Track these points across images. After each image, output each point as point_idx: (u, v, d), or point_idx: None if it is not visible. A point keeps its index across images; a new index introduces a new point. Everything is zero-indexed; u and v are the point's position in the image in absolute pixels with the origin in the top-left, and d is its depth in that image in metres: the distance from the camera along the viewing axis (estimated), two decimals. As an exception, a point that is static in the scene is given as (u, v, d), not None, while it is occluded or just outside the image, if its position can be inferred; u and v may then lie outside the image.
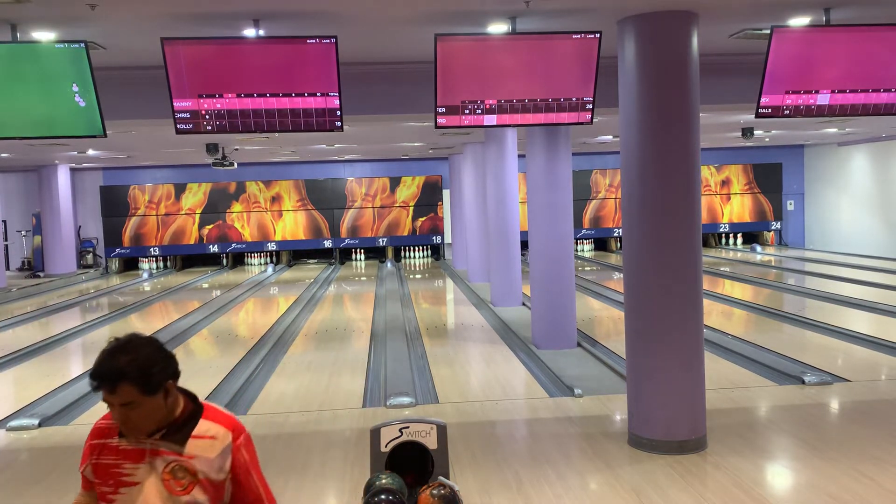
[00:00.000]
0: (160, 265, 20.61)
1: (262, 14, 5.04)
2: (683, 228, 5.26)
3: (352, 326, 10.93)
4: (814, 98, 5.61)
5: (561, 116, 5.61)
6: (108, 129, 5.43)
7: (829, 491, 4.55)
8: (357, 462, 5.23)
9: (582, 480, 4.87)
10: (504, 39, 5.43)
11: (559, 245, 8.85)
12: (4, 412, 6.90)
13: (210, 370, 8.32)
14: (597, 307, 12.01)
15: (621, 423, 5.92)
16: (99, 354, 2.12)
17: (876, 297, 11.61)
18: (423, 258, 21.12)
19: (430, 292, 14.88)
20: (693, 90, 5.24)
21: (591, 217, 20.85)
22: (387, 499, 3.24)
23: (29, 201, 19.72)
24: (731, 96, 7.03)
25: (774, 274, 15.89)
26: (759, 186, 21.14)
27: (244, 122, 5.35)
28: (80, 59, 5.09)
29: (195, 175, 19.85)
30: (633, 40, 5.28)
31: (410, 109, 6.87)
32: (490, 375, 7.86)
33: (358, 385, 7.52)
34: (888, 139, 17.67)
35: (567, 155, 8.89)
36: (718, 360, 7.86)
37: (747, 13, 5.47)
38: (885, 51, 5.52)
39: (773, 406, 6.40)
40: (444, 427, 3.61)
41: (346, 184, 20.42)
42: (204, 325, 11.46)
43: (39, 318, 12.77)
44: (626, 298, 5.57)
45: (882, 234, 18.11)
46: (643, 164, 5.29)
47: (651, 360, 5.36)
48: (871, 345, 8.43)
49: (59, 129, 5.33)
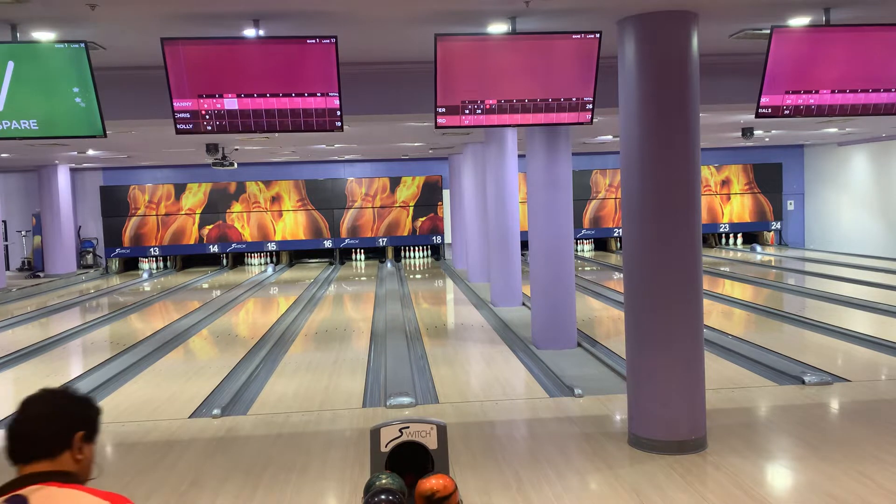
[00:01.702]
0: (160, 265, 20.61)
1: (262, 14, 5.04)
2: (683, 228, 5.26)
3: (352, 326, 10.93)
4: (814, 98, 5.61)
5: (561, 116, 5.60)
6: (108, 129, 5.43)
7: (829, 491, 4.55)
8: (357, 462, 5.23)
9: (582, 480, 4.87)
10: (504, 39, 5.43)
11: (559, 245, 8.85)
12: (4, 412, 6.89)
13: (210, 370, 8.32)
14: (597, 307, 12.01)
15: (621, 423, 5.92)
16: (84, 395, 2.08)
17: (876, 297, 11.61)
18: (423, 258, 21.12)
19: (430, 292, 14.88)
20: (693, 90, 5.24)
21: (591, 217, 20.85)
22: (387, 499, 3.23)
23: (29, 201, 19.72)
24: (731, 96, 7.03)
25: (774, 274, 15.89)
26: (759, 186, 21.15)
27: (244, 122, 5.35)
28: (80, 59, 5.09)
29: (195, 175, 19.85)
30: (633, 40, 5.28)
31: (410, 109, 6.87)
32: (490, 375, 7.86)
33: (358, 385, 7.52)
34: (888, 139, 17.67)
35: (567, 155, 8.89)
36: (718, 360, 7.86)
37: (747, 13, 5.47)
38: (885, 51, 5.52)
39: (773, 406, 6.40)
40: (444, 427, 3.61)
41: (346, 184, 20.43)
42: (204, 325, 11.45)
43: (39, 318, 12.77)
44: (626, 298, 5.56)
45: (882, 234, 18.11)
46: (643, 164, 5.29)
47: (651, 360, 5.36)
48: (871, 345, 8.43)
49: (59, 129, 5.33)
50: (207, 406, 6.88)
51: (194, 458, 5.52)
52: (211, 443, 5.86)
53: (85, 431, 2.00)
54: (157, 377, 8.17)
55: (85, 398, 2.06)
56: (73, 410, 2.01)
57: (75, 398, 2.04)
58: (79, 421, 2.00)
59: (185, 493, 4.89)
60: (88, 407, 2.05)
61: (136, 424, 6.42)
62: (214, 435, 6.04)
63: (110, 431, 6.30)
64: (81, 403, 2.04)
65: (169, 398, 7.26)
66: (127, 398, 7.38)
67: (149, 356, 9.14)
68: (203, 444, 5.83)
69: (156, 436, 6.10)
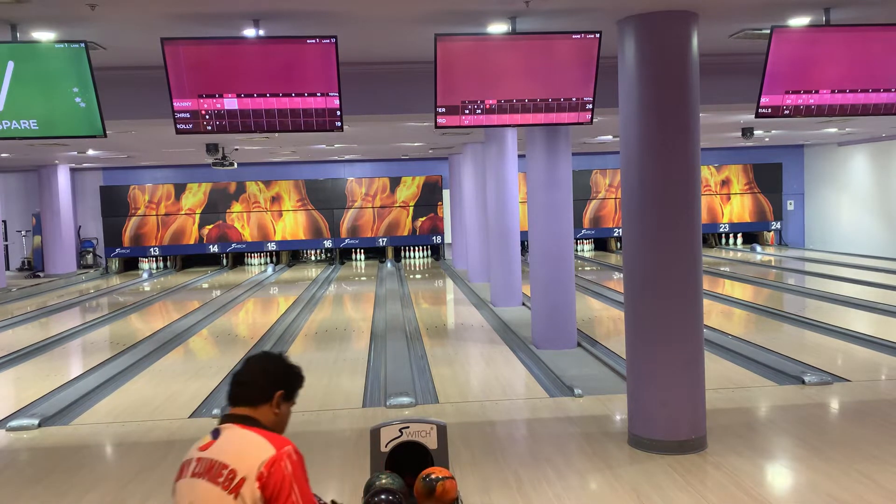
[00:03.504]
0: (160, 265, 20.61)
1: (262, 14, 5.04)
2: (683, 228, 5.26)
3: (352, 326, 10.93)
4: (814, 98, 5.61)
5: (561, 116, 5.61)
6: (108, 129, 5.43)
7: (829, 491, 4.55)
8: (357, 462, 5.23)
9: (582, 480, 4.87)
10: (504, 39, 5.43)
11: (559, 245, 8.85)
12: (4, 412, 6.90)
13: (210, 370, 8.32)
14: (597, 307, 12.01)
15: (621, 423, 5.92)
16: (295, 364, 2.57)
17: (876, 297, 11.61)
18: (423, 258, 21.12)
19: (430, 292, 14.88)
20: (693, 90, 5.24)
21: (591, 217, 20.85)
22: (387, 499, 3.23)
23: (29, 201, 19.73)
24: (731, 96, 7.04)
25: (774, 274, 15.89)
26: (759, 186, 21.14)
27: (244, 122, 5.35)
28: (80, 59, 5.09)
29: (195, 175, 19.85)
30: (633, 40, 5.28)
31: (410, 109, 6.87)
32: (490, 375, 7.86)
33: (358, 385, 7.52)
34: (888, 139, 17.67)
35: (567, 155, 8.89)
36: (718, 360, 7.86)
37: (747, 13, 5.47)
38: (885, 51, 5.52)
39: (773, 406, 6.40)
40: (444, 427, 3.61)
41: (346, 184, 20.43)
42: (204, 325, 11.45)
43: (39, 318, 12.77)
44: (626, 298, 5.57)
45: (882, 234, 18.11)
46: (643, 164, 5.29)
47: (651, 360, 5.36)
48: (871, 345, 8.43)
49: (59, 129, 5.33)
50: (207, 406, 6.87)
51: (194, 458, 5.50)
52: (211, 443, 5.85)
53: (284, 391, 2.47)
54: (157, 377, 8.17)
55: (292, 366, 2.55)
56: (278, 372, 2.49)
57: (284, 364, 2.53)
58: (282, 382, 2.47)
59: (185, 493, 4.88)
60: (293, 374, 2.53)
61: (136, 424, 6.42)
62: (214, 435, 6.03)
63: (110, 432, 6.30)
64: (288, 369, 2.52)
65: (169, 398, 7.26)
66: (127, 398, 7.38)
67: (149, 356, 9.14)
68: (203, 444, 5.81)
69: (156, 436, 6.10)
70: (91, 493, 4.98)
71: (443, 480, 3.24)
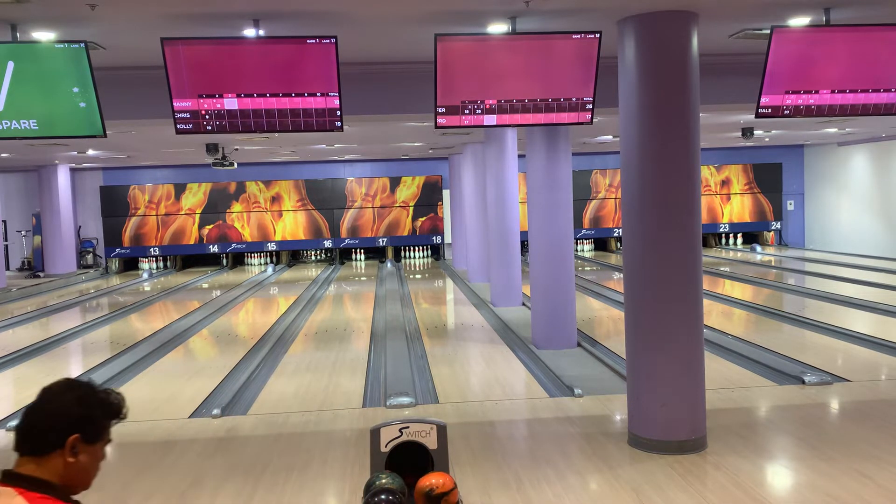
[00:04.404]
0: (160, 265, 20.61)
1: (262, 14, 5.04)
2: (683, 228, 5.26)
3: (352, 326, 10.93)
4: (814, 98, 5.61)
5: (561, 116, 5.60)
6: (108, 129, 5.43)
7: (829, 491, 4.55)
8: (357, 462, 5.23)
9: (582, 480, 4.87)
10: (504, 39, 5.43)
11: (559, 245, 8.85)
12: (4, 412, 6.90)
13: (210, 370, 8.32)
14: (597, 307, 12.01)
15: (621, 423, 5.92)
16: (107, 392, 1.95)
17: (876, 297, 11.60)
18: (423, 258, 21.12)
19: (430, 292, 14.88)
20: (693, 90, 5.24)
21: (591, 217, 20.85)
22: (387, 499, 3.24)
23: (29, 201, 19.72)
24: (731, 96, 7.03)
25: (774, 274, 15.89)
26: (759, 186, 21.15)
27: (244, 122, 5.35)
28: (80, 59, 5.09)
29: (195, 175, 19.85)
30: (633, 40, 5.28)
31: (410, 109, 6.87)
32: (490, 375, 7.86)
33: (358, 385, 7.52)
34: (888, 139, 17.67)
35: (567, 155, 8.89)
36: (718, 360, 7.86)
37: (747, 13, 5.47)
38: (885, 51, 5.52)
39: (773, 406, 6.40)
40: (444, 427, 3.61)
41: (346, 184, 20.43)
42: (204, 325, 11.45)
43: (39, 318, 12.77)
44: (626, 298, 5.57)
45: (882, 234, 18.11)
46: (643, 164, 5.29)
47: (651, 360, 5.36)
48: (871, 345, 8.43)
49: (59, 129, 5.33)
50: (207, 406, 6.88)
51: (194, 458, 5.51)
52: (211, 443, 5.86)
53: (82, 434, 1.81)
54: (157, 377, 8.17)
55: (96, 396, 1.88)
56: (71, 412, 1.81)
57: (85, 395, 1.85)
58: (76, 423, 1.81)
59: (185, 492, 4.89)
60: (95, 408, 1.86)
61: (136, 424, 6.42)
62: (214, 435, 6.04)
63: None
64: (87, 403, 1.85)
65: (169, 398, 7.26)
66: (127, 398, 7.34)
67: (149, 356, 9.14)
68: (203, 444, 5.82)
69: (156, 436, 6.10)
70: (91, 492, 4.96)
71: (447, 495, 3.23)
